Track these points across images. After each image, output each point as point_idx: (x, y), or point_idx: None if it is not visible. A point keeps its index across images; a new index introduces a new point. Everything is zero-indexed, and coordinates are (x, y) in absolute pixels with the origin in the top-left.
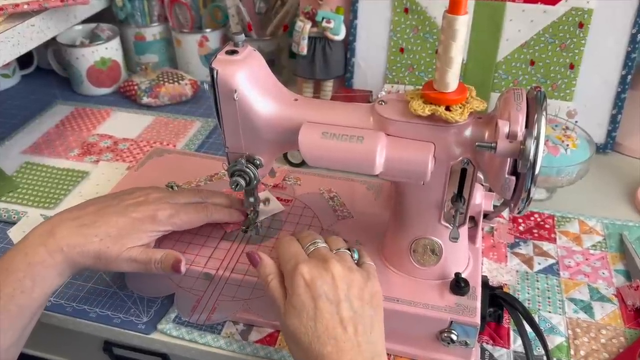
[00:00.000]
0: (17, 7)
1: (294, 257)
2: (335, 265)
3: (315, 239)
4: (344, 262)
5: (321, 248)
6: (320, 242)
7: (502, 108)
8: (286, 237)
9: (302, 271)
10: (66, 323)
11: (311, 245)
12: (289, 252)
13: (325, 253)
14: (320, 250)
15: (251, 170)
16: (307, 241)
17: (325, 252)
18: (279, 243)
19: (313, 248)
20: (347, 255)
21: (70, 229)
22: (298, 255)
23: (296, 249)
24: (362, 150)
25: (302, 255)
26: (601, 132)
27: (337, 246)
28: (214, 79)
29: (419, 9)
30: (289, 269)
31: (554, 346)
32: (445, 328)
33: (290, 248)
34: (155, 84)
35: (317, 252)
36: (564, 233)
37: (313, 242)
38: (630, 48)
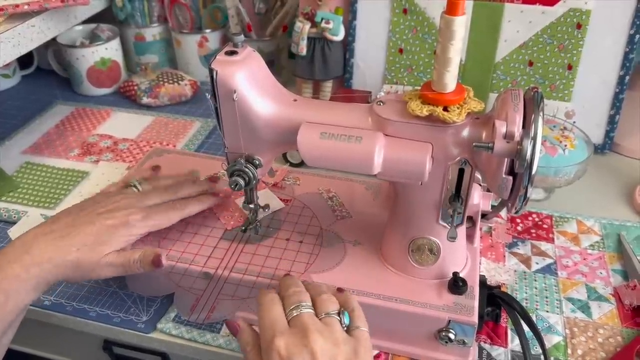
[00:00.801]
0: (17, 8)
1: (271, 327)
2: (317, 339)
3: (300, 300)
4: (328, 334)
5: (305, 315)
6: (305, 305)
7: (499, 108)
8: (268, 295)
9: (279, 346)
10: (66, 322)
11: (294, 309)
12: (268, 319)
13: (308, 322)
14: (304, 317)
15: (250, 170)
16: (290, 302)
17: (308, 320)
18: (260, 302)
19: (296, 313)
20: (336, 322)
21: (46, 243)
22: (276, 324)
23: (276, 315)
24: (360, 151)
25: (281, 324)
26: (599, 133)
27: (326, 309)
28: (214, 79)
29: (418, 9)
30: (266, 340)
31: (552, 345)
32: (443, 327)
33: (271, 313)
34: (155, 85)
35: (300, 320)
36: (561, 233)
37: (297, 306)
38: (628, 49)
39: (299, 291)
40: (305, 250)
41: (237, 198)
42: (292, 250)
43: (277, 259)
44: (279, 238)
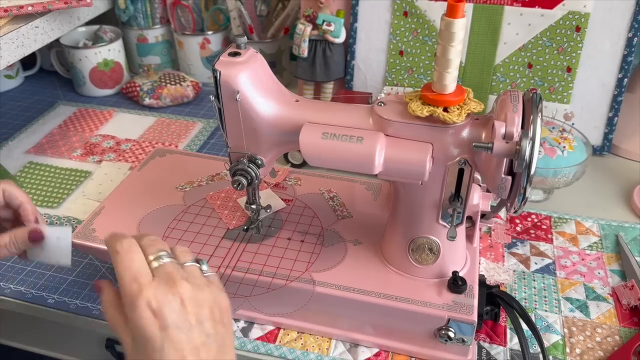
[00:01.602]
0: (21, 9)
1: (136, 279)
2: (184, 286)
3: (160, 249)
4: (193, 280)
5: (168, 264)
6: (165, 255)
7: (498, 109)
8: (124, 242)
9: (148, 297)
10: (70, 320)
11: (155, 259)
12: (130, 270)
13: (173, 271)
14: (167, 267)
15: (253, 170)
16: (151, 252)
17: (172, 269)
18: (117, 250)
19: (157, 264)
20: (197, 269)
21: None
22: (141, 277)
23: (139, 266)
24: (361, 151)
25: (146, 276)
26: (598, 135)
27: (185, 259)
28: (217, 80)
29: (418, 12)
30: (131, 293)
31: (550, 344)
32: (442, 325)
33: (133, 264)
34: (157, 86)
35: (163, 270)
36: (560, 234)
37: (158, 256)
38: (626, 51)
39: (157, 240)
40: (307, 250)
41: (239, 198)
42: (294, 250)
43: (278, 258)
44: (280, 237)
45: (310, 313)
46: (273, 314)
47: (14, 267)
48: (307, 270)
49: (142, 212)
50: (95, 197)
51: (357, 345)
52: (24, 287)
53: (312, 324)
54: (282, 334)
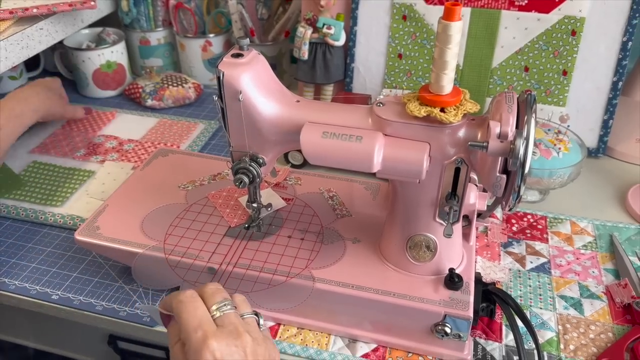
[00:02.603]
0: (26, 11)
1: (200, 326)
2: (247, 340)
3: (224, 298)
4: (253, 334)
5: (231, 314)
6: (229, 304)
7: (494, 110)
8: (188, 294)
9: (213, 347)
10: (73, 316)
11: (218, 309)
12: (194, 318)
13: (236, 323)
14: (231, 317)
15: (254, 168)
16: (213, 301)
17: (235, 320)
18: (180, 300)
19: (221, 313)
20: (255, 322)
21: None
22: (205, 325)
23: (202, 315)
24: (360, 149)
25: (210, 325)
26: (593, 137)
27: (245, 310)
28: (220, 80)
29: (417, 16)
30: (196, 341)
31: (545, 341)
32: (439, 321)
33: (197, 312)
34: (159, 87)
35: (228, 320)
36: (555, 233)
37: (221, 305)
38: (621, 55)
39: (218, 289)
40: (307, 247)
41: (240, 197)
42: (294, 247)
43: (279, 255)
44: (281, 235)
45: (309, 309)
46: (273, 309)
47: (19, 264)
48: (307, 267)
49: (145, 210)
50: (99, 196)
51: (356, 341)
52: (28, 284)
53: (312, 319)
54: (282, 330)
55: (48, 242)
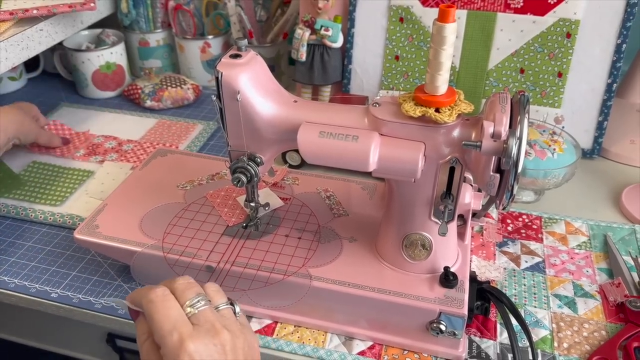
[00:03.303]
0: (27, 12)
1: (176, 328)
2: (226, 337)
3: (197, 293)
4: (230, 327)
5: (206, 311)
6: (203, 299)
7: (487, 110)
8: (159, 293)
9: (190, 351)
10: (72, 314)
11: (191, 306)
12: (168, 320)
13: (213, 319)
14: (206, 314)
15: (252, 168)
16: (186, 297)
17: (211, 317)
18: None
19: (195, 311)
20: (231, 312)
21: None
22: (181, 326)
23: (176, 315)
24: (357, 149)
25: (185, 325)
26: (588, 138)
27: (219, 300)
28: (219, 80)
29: (414, 18)
30: (172, 345)
31: (539, 339)
32: (434, 319)
33: (170, 312)
34: (158, 88)
35: (203, 318)
36: (550, 233)
37: (195, 301)
38: (615, 57)
39: (189, 282)
40: (304, 246)
41: (238, 196)
42: (291, 246)
43: (276, 253)
44: (278, 234)
45: (306, 307)
46: (270, 307)
47: (18, 262)
48: (304, 266)
49: (144, 210)
50: (98, 196)
51: (352, 339)
52: (27, 282)
53: (308, 317)
54: (279, 328)
55: (47, 241)
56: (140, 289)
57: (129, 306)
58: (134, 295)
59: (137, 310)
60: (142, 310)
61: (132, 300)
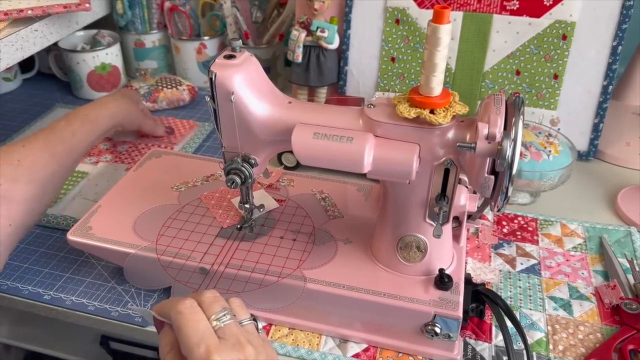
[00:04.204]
0: (21, 13)
1: (203, 341)
2: (250, 352)
3: (223, 307)
4: (253, 342)
5: (232, 325)
6: (228, 314)
7: (482, 112)
8: (187, 305)
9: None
10: (65, 316)
11: (217, 320)
12: (196, 332)
13: (238, 333)
14: (232, 328)
15: (246, 169)
16: (213, 310)
17: (237, 331)
18: (179, 310)
19: (221, 324)
20: (254, 328)
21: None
22: (208, 339)
23: (204, 328)
24: (351, 150)
25: (212, 339)
26: (584, 140)
27: (243, 316)
28: (213, 81)
29: (410, 20)
30: (199, 357)
31: (534, 341)
32: (429, 321)
33: (198, 325)
34: (154, 89)
35: (229, 332)
36: (546, 235)
37: (221, 315)
38: (611, 59)
39: (217, 297)
40: (298, 248)
41: (233, 198)
42: (286, 248)
43: (271, 255)
44: (273, 236)
45: (301, 309)
46: (265, 310)
47: (11, 264)
48: (299, 268)
49: (138, 211)
50: (92, 197)
51: (347, 341)
52: (20, 284)
53: (303, 320)
54: (274, 330)
55: (41, 243)
56: (168, 301)
57: (155, 317)
58: (161, 307)
59: (162, 321)
60: (169, 322)
61: (160, 311)
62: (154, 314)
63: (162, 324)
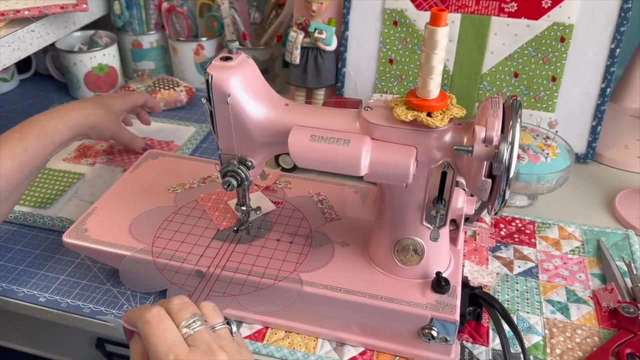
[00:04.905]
0: (18, 13)
1: (172, 350)
2: (221, 357)
3: (192, 313)
4: (227, 347)
5: (202, 331)
6: (199, 320)
7: (479, 115)
8: (154, 313)
9: None
10: (61, 318)
11: (187, 326)
12: (164, 341)
13: (209, 340)
14: (202, 335)
15: (243, 172)
16: (182, 317)
17: (208, 338)
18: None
19: (191, 332)
20: (227, 332)
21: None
22: (176, 347)
23: (172, 337)
24: (348, 153)
25: (181, 347)
26: (582, 143)
27: (215, 320)
28: (209, 83)
29: (408, 22)
30: None
31: (531, 344)
32: (426, 325)
33: (166, 334)
34: (151, 90)
35: (200, 339)
36: (543, 238)
37: (191, 322)
38: (609, 62)
39: (186, 303)
40: (295, 251)
41: (230, 200)
42: (283, 250)
43: (267, 258)
44: (269, 238)
45: (297, 312)
46: (261, 312)
47: (6, 266)
48: (295, 270)
49: (134, 213)
50: (88, 199)
51: (343, 345)
52: (15, 286)
53: (299, 323)
54: (270, 333)
55: (36, 245)
56: (136, 309)
57: (124, 326)
58: (129, 315)
59: (132, 330)
60: (138, 331)
61: (128, 320)
62: (123, 323)
63: (132, 332)
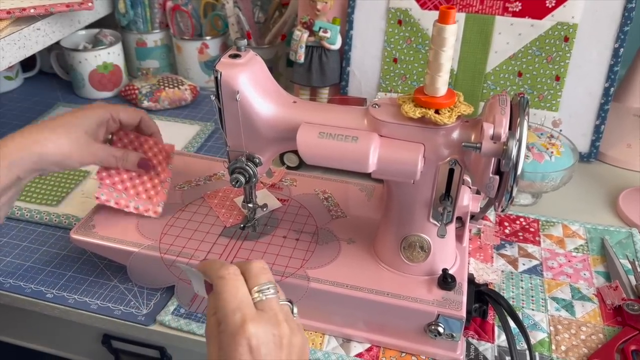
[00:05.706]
0: (23, 11)
1: (240, 309)
2: (284, 329)
3: (268, 280)
4: (290, 323)
5: (273, 300)
6: (272, 288)
7: (487, 112)
8: (231, 271)
9: (249, 333)
10: (68, 314)
11: (259, 292)
12: (234, 299)
13: (277, 309)
14: (272, 303)
15: (251, 168)
16: (257, 281)
17: (276, 307)
18: (221, 279)
19: (263, 297)
20: (290, 310)
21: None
22: (245, 307)
23: (243, 296)
24: (356, 150)
25: (249, 308)
26: (585, 142)
27: (281, 296)
28: (218, 80)
29: (412, 21)
30: (233, 324)
31: (537, 341)
32: (432, 321)
33: (237, 292)
34: (155, 89)
35: (269, 306)
36: (548, 236)
37: (264, 288)
38: (613, 61)
39: (264, 269)
40: (302, 247)
41: (236, 197)
42: (289, 247)
43: (274, 255)
44: (276, 235)
45: (304, 309)
46: None
47: (14, 262)
48: (302, 267)
49: None
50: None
51: (350, 341)
52: (23, 282)
53: (306, 319)
54: None
55: (43, 241)
56: (213, 262)
57: (206, 280)
58: (206, 266)
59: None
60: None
61: (203, 270)
62: (203, 277)
63: (211, 288)
